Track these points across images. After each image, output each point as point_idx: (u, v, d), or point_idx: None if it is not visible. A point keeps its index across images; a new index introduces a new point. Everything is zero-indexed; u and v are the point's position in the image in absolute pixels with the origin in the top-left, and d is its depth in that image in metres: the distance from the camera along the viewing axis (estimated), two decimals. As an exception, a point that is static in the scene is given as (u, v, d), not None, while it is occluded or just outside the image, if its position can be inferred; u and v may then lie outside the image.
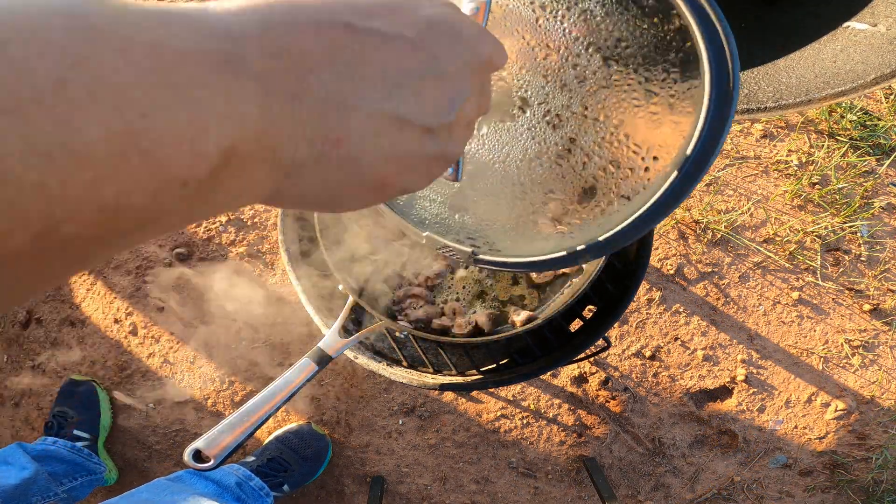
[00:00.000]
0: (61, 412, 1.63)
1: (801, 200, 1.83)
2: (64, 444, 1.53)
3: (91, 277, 1.82)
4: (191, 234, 1.84)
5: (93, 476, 1.54)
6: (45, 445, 1.50)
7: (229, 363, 1.72)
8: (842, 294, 1.75)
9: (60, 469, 1.47)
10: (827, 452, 1.65)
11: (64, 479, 1.46)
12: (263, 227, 1.85)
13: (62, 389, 1.69)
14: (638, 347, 1.70)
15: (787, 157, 1.89)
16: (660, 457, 1.64)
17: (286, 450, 1.57)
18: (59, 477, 1.45)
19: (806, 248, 1.78)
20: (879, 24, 0.77)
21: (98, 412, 1.66)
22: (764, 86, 0.89)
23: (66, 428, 1.59)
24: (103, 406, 1.68)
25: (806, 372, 1.68)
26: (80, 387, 1.68)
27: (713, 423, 1.66)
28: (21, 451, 1.42)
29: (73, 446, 1.54)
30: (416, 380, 1.01)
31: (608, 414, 1.67)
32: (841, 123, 1.92)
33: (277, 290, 1.78)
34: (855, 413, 1.65)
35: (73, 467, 1.50)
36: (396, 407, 1.68)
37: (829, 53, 0.82)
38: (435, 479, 1.64)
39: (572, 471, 1.64)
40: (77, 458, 1.52)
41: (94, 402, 1.66)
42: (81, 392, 1.67)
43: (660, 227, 1.80)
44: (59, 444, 1.53)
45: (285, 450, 1.57)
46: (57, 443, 1.53)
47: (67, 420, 1.61)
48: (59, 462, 1.48)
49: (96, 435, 1.63)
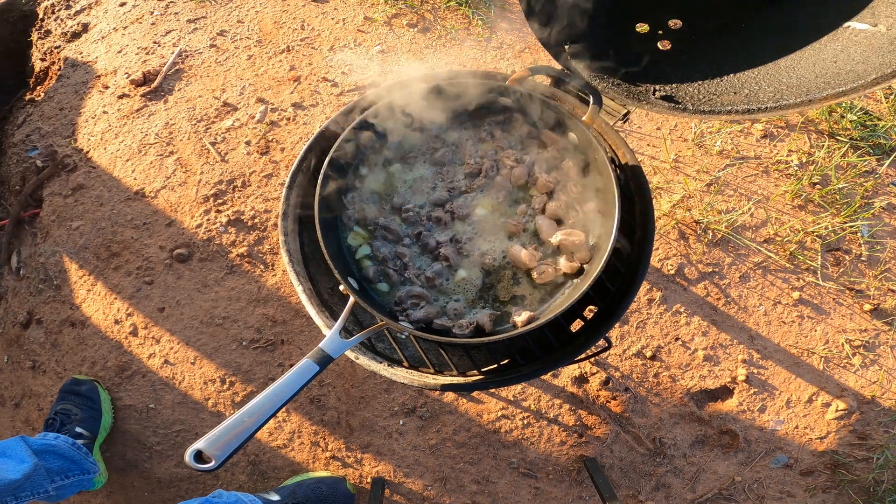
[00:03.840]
0: (64, 410, 1.62)
1: (802, 200, 1.83)
2: (65, 440, 1.52)
3: (91, 278, 1.82)
4: (191, 234, 1.84)
5: (84, 476, 1.53)
6: (47, 440, 1.49)
7: (230, 364, 1.72)
8: (842, 294, 1.75)
9: (56, 465, 1.46)
10: (828, 452, 1.64)
11: (57, 476, 1.45)
12: (264, 227, 1.85)
13: (64, 388, 1.69)
14: (639, 348, 1.70)
15: (787, 158, 1.89)
16: (661, 457, 1.64)
17: (313, 498, 1.53)
18: (53, 473, 1.44)
19: (806, 248, 1.78)
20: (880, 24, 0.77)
21: (100, 412, 1.66)
22: (764, 86, 0.89)
23: (69, 424, 1.59)
24: (105, 406, 1.68)
25: (807, 372, 1.68)
26: (82, 386, 1.68)
27: (714, 423, 1.66)
28: (23, 445, 1.41)
29: (73, 442, 1.53)
30: (417, 380, 1.01)
31: (609, 414, 1.67)
32: (841, 123, 1.92)
33: (278, 291, 1.78)
34: (856, 413, 1.65)
35: (70, 465, 1.49)
36: (397, 407, 1.68)
37: (829, 53, 0.82)
38: (435, 480, 1.64)
39: (573, 471, 1.64)
40: (77, 454, 1.51)
41: (97, 402, 1.66)
42: (84, 391, 1.66)
43: (660, 228, 1.80)
44: (61, 439, 1.52)
45: (312, 498, 1.53)
46: (58, 438, 1.52)
47: (71, 417, 1.60)
48: (58, 458, 1.47)
49: (95, 435, 1.63)
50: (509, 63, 2.08)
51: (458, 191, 1.11)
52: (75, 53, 2.19)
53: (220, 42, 2.14)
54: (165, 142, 1.97)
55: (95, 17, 2.27)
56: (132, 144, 1.98)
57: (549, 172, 1.11)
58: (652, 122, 1.95)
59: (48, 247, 1.88)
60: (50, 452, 1.47)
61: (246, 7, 2.21)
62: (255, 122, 1.98)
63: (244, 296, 1.78)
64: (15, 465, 1.34)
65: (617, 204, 0.95)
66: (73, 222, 1.89)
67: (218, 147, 1.95)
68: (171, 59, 2.10)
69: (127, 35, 2.19)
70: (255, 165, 1.92)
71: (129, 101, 2.05)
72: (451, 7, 2.17)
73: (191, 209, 1.87)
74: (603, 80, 1.04)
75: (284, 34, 2.14)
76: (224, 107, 2.02)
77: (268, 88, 2.05)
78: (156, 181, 1.92)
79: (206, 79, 2.08)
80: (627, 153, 1.10)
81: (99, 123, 2.03)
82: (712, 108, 0.92)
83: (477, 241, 1.08)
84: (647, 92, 1.00)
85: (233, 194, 1.88)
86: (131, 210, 1.88)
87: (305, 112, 2.00)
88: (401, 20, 2.16)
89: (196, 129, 1.98)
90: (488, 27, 2.14)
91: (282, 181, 1.90)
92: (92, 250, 1.85)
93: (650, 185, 1.51)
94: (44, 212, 1.93)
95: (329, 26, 2.15)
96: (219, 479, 1.67)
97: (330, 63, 2.08)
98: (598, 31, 1.04)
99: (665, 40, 1.02)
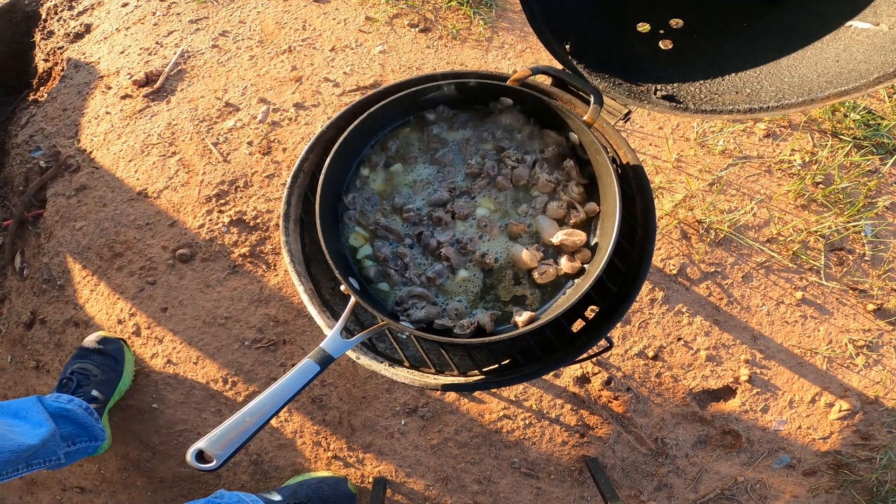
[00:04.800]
0: (83, 369, 1.53)
1: (805, 200, 1.83)
2: (79, 404, 1.44)
3: (95, 278, 1.83)
4: (193, 234, 1.84)
5: (91, 444, 1.45)
6: (62, 403, 1.41)
7: (232, 363, 1.72)
8: (846, 294, 1.74)
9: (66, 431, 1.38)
10: (831, 453, 1.64)
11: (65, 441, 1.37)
12: (266, 227, 1.85)
13: (87, 346, 1.60)
14: (641, 347, 1.70)
15: (790, 157, 1.88)
16: (663, 457, 1.64)
17: (315, 498, 1.52)
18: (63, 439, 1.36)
19: (809, 248, 1.77)
20: (882, 22, 0.76)
21: (120, 374, 1.59)
22: (767, 85, 0.88)
23: (86, 386, 1.50)
24: (127, 368, 1.62)
25: (810, 372, 1.68)
26: (109, 345, 1.60)
27: (716, 423, 1.65)
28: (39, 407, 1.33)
29: (87, 407, 1.45)
30: (419, 380, 1.01)
31: (611, 414, 1.67)
32: (844, 123, 1.92)
33: (280, 291, 1.79)
34: (859, 413, 1.65)
35: (80, 431, 1.41)
36: (399, 407, 1.68)
37: (831, 53, 0.81)
38: (437, 480, 1.64)
39: (575, 471, 1.64)
40: (88, 420, 1.43)
41: (120, 363, 1.59)
42: (110, 351, 1.59)
43: (663, 227, 1.80)
44: (75, 402, 1.44)
45: (314, 498, 1.52)
46: (73, 401, 1.44)
47: (89, 378, 1.52)
48: (70, 423, 1.40)
49: (109, 398, 1.56)
50: (511, 63, 2.08)
51: (460, 191, 1.11)
52: (78, 54, 2.20)
53: (221, 42, 2.15)
54: (168, 142, 1.98)
55: (98, 18, 2.27)
56: (135, 145, 1.98)
57: (551, 172, 1.11)
58: (654, 121, 1.95)
59: (51, 247, 1.89)
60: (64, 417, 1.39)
61: (248, 7, 2.21)
62: (256, 123, 1.99)
63: (246, 296, 1.78)
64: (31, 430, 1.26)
65: (618, 204, 0.95)
66: (77, 223, 1.89)
67: (220, 147, 1.96)
68: (174, 60, 2.11)
69: (129, 36, 2.20)
70: (257, 166, 1.92)
71: (131, 102, 2.06)
72: (452, 7, 2.17)
73: (193, 209, 1.87)
74: (604, 80, 1.04)
75: (286, 34, 2.15)
76: (226, 107, 2.02)
77: (269, 89, 2.05)
78: (158, 181, 1.92)
79: (208, 79, 2.08)
80: (629, 153, 1.10)
81: (102, 124, 2.04)
82: (714, 108, 0.92)
83: (478, 242, 1.08)
84: (648, 91, 1.00)
85: (235, 195, 1.89)
86: (134, 210, 1.89)
87: (307, 112, 2.00)
88: (402, 20, 2.16)
89: (198, 130, 1.99)
90: (489, 27, 2.14)
91: (283, 181, 1.90)
92: (95, 251, 1.85)
93: (652, 185, 1.51)
94: (47, 212, 1.94)
95: (330, 26, 2.16)
96: (221, 478, 1.67)
97: (331, 63, 2.08)
98: (600, 30, 1.04)
99: (666, 39, 1.02)
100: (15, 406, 1.32)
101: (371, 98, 1.14)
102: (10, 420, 1.27)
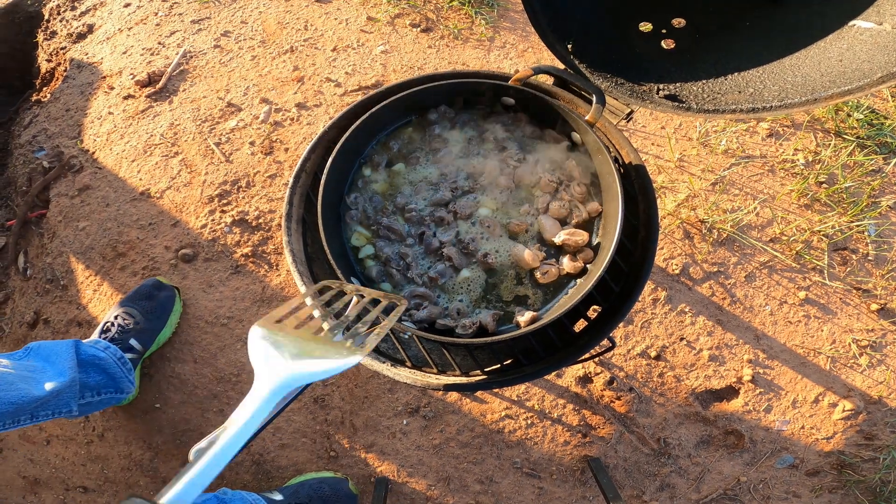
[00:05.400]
0: (128, 314, 1.51)
1: (808, 199, 1.82)
2: (114, 353, 1.42)
3: (98, 278, 1.83)
4: (196, 234, 1.84)
5: (117, 395, 1.42)
6: (97, 350, 1.38)
7: (235, 363, 1.73)
8: (849, 293, 1.74)
9: (94, 381, 1.34)
10: (834, 453, 1.63)
11: (89, 392, 1.33)
12: (268, 228, 1.85)
13: (140, 290, 1.57)
14: (643, 347, 1.70)
15: (793, 156, 1.88)
16: (665, 457, 1.64)
17: (316, 498, 1.52)
18: (86, 389, 1.32)
19: (813, 248, 1.77)
20: (885, 22, 0.76)
21: (164, 324, 1.57)
22: (769, 85, 0.88)
23: (127, 334, 1.48)
24: (172, 319, 1.60)
25: (813, 372, 1.67)
26: (162, 291, 1.57)
27: (719, 423, 1.65)
28: (71, 353, 1.30)
29: (121, 357, 1.43)
30: (421, 380, 1.01)
31: (613, 414, 1.66)
32: (847, 122, 1.91)
33: (282, 291, 1.79)
34: (863, 413, 1.64)
35: (108, 381, 1.38)
36: (401, 407, 1.68)
37: (834, 52, 0.81)
38: (439, 480, 1.64)
39: (577, 471, 1.64)
40: (119, 371, 1.40)
41: (167, 313, 1.56)
42: (162, 297, 1.56)
43: (665, 227, 1.80)
44: (111, 350, 1.41)
45: (315, 498, 1.52)
46: (109, 349, 1.41)
47: (132, 327, 1.49)
48: (100, 372, 1.36)
49: (147, 348, 1.53)
50: (512, 62, 2.08)
51: (462, 190, 1.11)
52: (81, 54, 2.21)
53: (224, 43, 2.15)
54: (170, 142, 1.98)
55: (101, 18, 2.28)
56: (137, 145, 1.99)
57: (553, 172, 1.10)
58: (656, 121, 1.95)
59: (55, 247, 1.89)
60: (95, 365, 1.36)
61: (249, 8, 2.22)
62: (259, 123, 1.99)
63: (249, 296, 1.78)
64: (49, 378, 1.22)
65: (621, 203, 0.94)
66: (80, 223, 1.90)
67: (222, 147, 1.96)
68: (176, 60, 2.11)
69: (132, 36, 2.20)
70: (260, 166, 1.93)
71: (134, 102, 2.06)
72: (453, 7, 2.17)
73: (196, 209, 1.88)
74: (606, 80, 1.04)
75: (288, 35, 2.15)
76: (228, 107, 2.03)
77: (271, 89, 2.05)
78: (161, 182, 1.93)
79: (211, 79, 2.08)
80: (631, 152, 1.10)
81: (104, 124, 2.04)
82: (717, 108, 0.92)
83: (480, 242, 1.08)
84: (650, 91, 1.00)
85: (237, 195, 1.89)
86: (137, 210, 1.89)
87: (309, 112, 2.00)
88: (404, 20, 2.16)
89: (201, 130, 1.99)
90: (491, 27, 2.14)
91: (286, 181, 1.90)
92: (98, 250, 1.86)
93: (654, 185, 1.51)
94: (50, 212, 1.94)
95: (332, 26, 2.16)
96: (223, 478, 1.68)
97: (333, 63, 2.08)
98: (602, 30, 1.04)
99: (669, 39, 1.01)
100: (50, 349, 1.28)
101: (373, 98, 1.14)
102: (38, 364, 1.23)
